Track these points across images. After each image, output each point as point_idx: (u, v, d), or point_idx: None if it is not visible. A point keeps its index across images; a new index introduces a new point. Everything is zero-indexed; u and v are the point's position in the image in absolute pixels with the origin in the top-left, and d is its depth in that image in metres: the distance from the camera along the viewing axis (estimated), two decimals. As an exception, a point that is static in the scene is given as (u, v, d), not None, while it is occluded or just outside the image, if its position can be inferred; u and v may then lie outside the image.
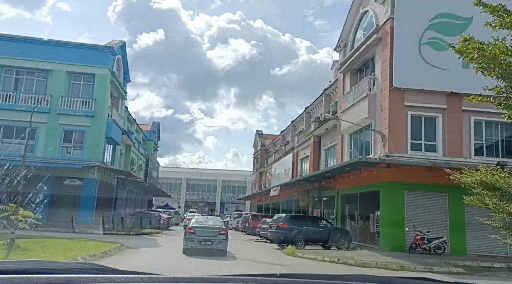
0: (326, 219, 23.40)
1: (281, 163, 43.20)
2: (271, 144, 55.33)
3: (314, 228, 20.68)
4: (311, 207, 31.95)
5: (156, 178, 59.07)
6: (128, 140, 39.65)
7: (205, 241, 15.43)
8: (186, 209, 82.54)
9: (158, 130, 60.88)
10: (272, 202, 46.41)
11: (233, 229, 40.10)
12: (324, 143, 31.12)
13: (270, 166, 49.13)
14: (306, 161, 35.27)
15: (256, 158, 62.09)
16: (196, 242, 15.51)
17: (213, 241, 15.50)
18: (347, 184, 23.85)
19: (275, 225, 20.78)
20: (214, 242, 15.51)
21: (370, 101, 21.51)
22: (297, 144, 37.53)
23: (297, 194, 34.84)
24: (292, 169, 38.13)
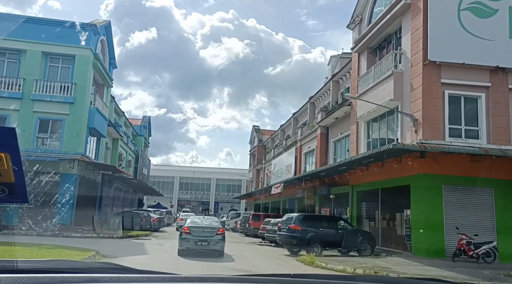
0: (345, 220, 19.85)
1: (281, 158, 39.67)
2: (269, 139, 51.81)
3: (332, 230, 17.18)
4: (319, 206, 28.46)
5: (147, 176, 55.27)
6: (115, 133, 35.91)
7: (201, 242, 14.88)
8: (179, 208, 78.86)
9: (149, 125, 57.08)
10: (271, 201, 42.86)
11: (230, 230, 36.52)
12: (333, 134, 27.65)
13: (269, 162, 45.60)
14: (311, 155, 31.79)
15: (252, 154, 58.52)
16: (192, 242, 14.92)
17: (210, 242, 14.94)
18: (366, 178, 20.38)
19: (285, 226, 17.25)
20: (210, 242, 14.95)
21: (396, 80, 18.04)
22: (300, 137, 34.04)
23: (301, 191, 31.32)
24: (294, 164, 34.63)
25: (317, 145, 29.43)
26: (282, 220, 18.38)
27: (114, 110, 38.73)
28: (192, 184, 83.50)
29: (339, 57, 42.05)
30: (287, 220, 17.78)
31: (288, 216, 18.38)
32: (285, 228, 17.18)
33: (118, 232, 25.05)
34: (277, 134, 48.07)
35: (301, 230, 16.51)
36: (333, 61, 47.31)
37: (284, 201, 37.91)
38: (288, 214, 19.12)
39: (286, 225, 17.27)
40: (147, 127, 55.71)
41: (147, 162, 55.28)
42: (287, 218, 18.05)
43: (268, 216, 28.26)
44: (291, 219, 17.51)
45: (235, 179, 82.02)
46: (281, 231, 17.59)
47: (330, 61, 50.85)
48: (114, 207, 37.33)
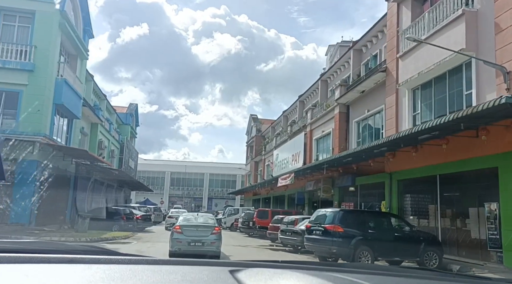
0: (401, 217, 14.35)
1: (286, 147, 34.28)
2: (269, 128, 46.38)
3: (386, 233, 11.86)
4: (338, 200, 23.13)
5: (134, 169, 49.55)
6: (93, 117, 30.23)
7: (195, 242, 13.33)
8: (170, 205, 73.22)
9: (136, 114, 51.31)
10: (274, 195, 37.45)
11: (227, 228, 31.08)
12: (357, 112, 22.32)
13: (270, 153, 40.19)
14: (325, 140, 26.45)
15: (250, 146, 53.06)
16: (184, 243, 13.31)
17: (204, 242, 13.40)
18: (414, 162, 15.04)
19: (319, 227, 11.85)
20: (205, 243, 13.40)
21: (469, 23, 12.72)
22: (310, 120, 28.68)
23: (314, 183, 26.01)
24: (304, 152, 29.27)
25: (335, 127, 24.09)
26: (312, 219, 12.96)
27: (93, 91, 33.02)
28: (184, 180, 77.97)
29: (339, 46, 37.57)
30: (318, 218, 12.38)
31: (320, 213, 12.97)
32: (318, 230, 11.80)
33: (91, 233, 19.55)
34: (278, 121, 42.66)
35: (344, 232, 11.13)
36: (332, 51, 43.51)
37: (290, 195, 32.55)
38: (320, 210, 13.60)
39: (319, 225, 11.86)
40: (134, 116, 49.96)
41: (134, 154, 49.56)
42: (318, 215, 12.65)
43: (277, 212, 22.89)
44: (325, 217, 12.09)
45: (230, 173, 76.67)
46: (312, 234, 12.19)
47: (328, 51, 46.77)
48: (94, 203, 31.64)
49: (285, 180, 25.86)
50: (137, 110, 51.26)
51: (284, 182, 26.03)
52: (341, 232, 11.15)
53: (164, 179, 77.28)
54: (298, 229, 15.89)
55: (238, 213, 31.08)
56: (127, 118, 46.70)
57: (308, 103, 33.82)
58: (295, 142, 31.48)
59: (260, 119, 50.18)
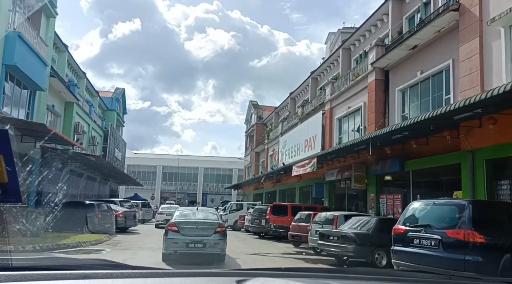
0: None
1: (296, 132, 28.86)
2: (272, 114, 40.93)
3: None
4: (376, 191, 17.71)
5: (121, 161, 43.83)
6: (67, 94, 24.52)
7: (195, 243, 10.56)
8: (162, 201, 67.57)
9: (123, 100, 45.49)
10: (281, 189, 32.02)
11: (229, 227, 25.58)
12: (401, 78, 16.94)
13: (275, 141, 34.73)
14: (352, 117, 21.04)
15: (249, 136, 47.55)
16: (181, 244, 10.52)
17: (206, 243, 10.60)
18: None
19: (428, 233, 6.40)
20: (207, 243, 10.60)
21: None
22: (330, 96, 23.24)
23: (337, 171, 20.65)
24: (321, 135, 23.86)
25: (369, 100, 18.68)
26: (409, 217, 7.39)
27: (68, 64, 27.25)
28: (177, 174, 72.34)
29: (340, 32, 33.70)
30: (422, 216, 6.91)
31: (421, 206, 7.38)
32: (427, 239, 6.37)
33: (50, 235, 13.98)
34: (284, 105, 37.15)
35: (486, 243, 5.73)
36: (332, 39, 38.23)
37: (303, 187, 27.14)
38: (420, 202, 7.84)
39: (428, 230, 6.40)
40: (121, 102, 44.15)
41: (121, 144, 43.80)
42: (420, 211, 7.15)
43: (299, 207, 17.44)
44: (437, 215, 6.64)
45: (225, 167, 71.28)
46: (411, 244, 6.75)
47: (327, 39, 42.30)
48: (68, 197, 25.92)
49: (303, 167, 20.41)
50: (124, 96, 45.45)
51: (302, 170, 20.59)
52: (481, 242, 5.78)
53: (156, 174, 71.58)
54: (350, 232, 10.46)
55: (243, 208, 25.63)
56: (112, 103, 40.92)
57: (323, 80, 28.40)
58: (309, 124, 26.03)
59: (261, 106, 44.66)
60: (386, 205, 16.62)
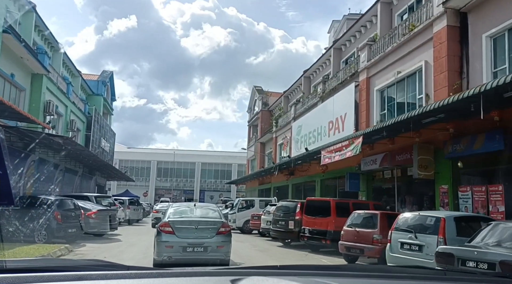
0: None
1: (316, 113, 23.47)
2: (280, 99, 35.50)
3: None
4: (451, 181, 12.29)
5: (109, 153, 38.20)
6: (33, 63, 18.96)
7: (194, 247, 8.84)
8: (156, 198, 62.08)
9: (111, 84, 39.78)
10: (294, 183, 26.64)
11: (237, 229, 20.16)
12: (489, 21, 11.60)
13: (287, 127, 29.35)
14: (403, 85, 15.64)
15: (253, 125, 42.08)
16: (177, 248, 8.75)
17: (208, 246, 8.89)
18: None
19: None
20: (209, 247, 8.89)
21: None
22: (366, 62, 17.84)
23: (383, 157, 15.31)
24: (354, 113, 18.50)
25: (435, 56, 13.27)
26: None
27: (36, 27, 21.62)
28: (172, 170, 66.87)
29: (346, 19, 31.33)
30: None
31: None
32: None
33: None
34: (296, 86, 31.69)
35: None
36: (336, 27, 35.31)
37: (325, 180, 21.76)
38: None
39: None
40: (109, 87, 38.49)
41: (109, 134, 38.14)
42: None
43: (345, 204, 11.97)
44: None
45: (224, 163, 65.83)
46: None
47: (331, 28, 38.53)
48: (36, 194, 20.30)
49: (339, 151, 14.97)
50: (112, 81, 39.75)
51: (338, 155, 15.14)
52: None
53: (150, 169, 66.02)
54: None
55: (254, 206, 20.18)
56: (98, 87, 35.28)
57: (348, 50, 22.98)
58: (336, 101, 20.62)
59: (266, 92, 39.18)
60: (472, 201, 11.27)
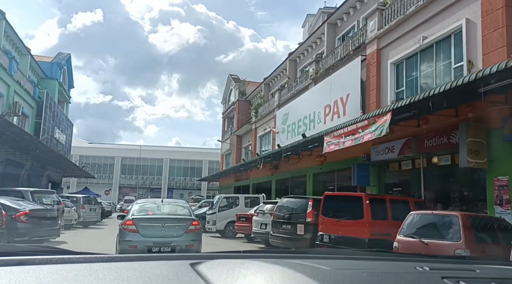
0: None
1: (307, 97, 20.17)
2: (260, 87, 32.02)
3: None
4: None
5: (66, 146, 33.45)
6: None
7: (160, 246, 8.04)
8: (120, 197, 57.34)
9: (68, 69, 34.95)
10: (279, 178, 23.18)
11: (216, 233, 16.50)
12: None
13: (269, 116, 25.91)
14: (430, 54, 12.47)
15: (228, 117, 38.38)
16: (141, 248, 7.96)
17: (176, 246, 8.18)
18: None
19: None
20: (177, 246, 8.17)
21: None
22: (377, 31, 14.62)
23: (404, 143, 12.15)
24: (361, 93, 15.27)
25: (484, 10, 10.17)
26: None
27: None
28: (138, 167, 62.10)
29: (321, 12, 29.41)
30: None
31: None
32: None
33: None
34: (279, 72, 28.28)
35: None
36: (311, 21, 33.65)
37: (320, 174, 18.47)
38: None
39: None
40: (66, 70, 33.70)
41: (65, 124, 33.38)
42: None
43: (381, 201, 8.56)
44: None
45: (194, 159, 61.69)
46: None
47: (305, 22, 35.99)
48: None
49: (354, 134, 11.64)
50: (70, 65, 34.91)
51: (350, 140, 11.80)
52: None
53: (114, 166, 60.97)
54: None
55: (238, 204, 16.58)
56: (53, 70, 30.55)
57: (344, 27, 19.76)
58: (334, 81, 17.34)
59: (244, 80, 35.57)
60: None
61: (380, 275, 1.05)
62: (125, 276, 0.93)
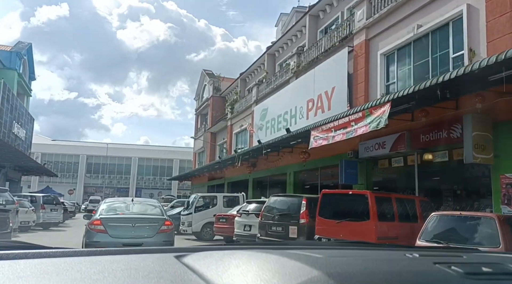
0: None
1: (288, 92, 19.21)
2: (236, 82, 30.85)
3: None
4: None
5: (25, 141, 31.12)
6: None
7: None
8: (85, 197, 54.76)
9: (29, 60, 32.56)
10: (257, 176, 22.09)
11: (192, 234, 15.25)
12: None
13: (247, 112, 24.82)
14: (426, 44, 11.71)
15: (201, 114, 36.97)
16: None
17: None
18: None
19: None
20: None
21: None
22: (365, 20, 13.79)
23: (397, 138, 11.35)
24: (348, 86, 14.41)
25: (487, -5, 9.47)
26: None
27: None
28: (104, 165, 59.69)
29: (295, 11, 29.24)
30: None
31: None
32: None
33: None
34: (257, 67, 27.18)
35: None
36: (284, 20, 33.29)
37: (302, 172, 17.52)
38: None
39: None
40: (26, 61, 31.36)
41: (25, 118, 31.03)
42: None
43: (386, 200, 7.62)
44: None
45: (164, 158, 59.82)
46: None
47: (279, 21, 35.43)
48: None
49: (345, 127, 10.70)
50: (31, 55, 32.53)
51: (340, 134, 10.85)
52: None
53: (79, 165, 58.19)
54: None
55: (216, 204, 15.34)
56: (11, 60, 28.26)
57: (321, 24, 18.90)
58: (318, 74, 16.43)
59: (219, 76, 34.29)
60: None
61: (374, 261, 1.04)
62: (110, 269, 0.88)
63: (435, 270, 0.92)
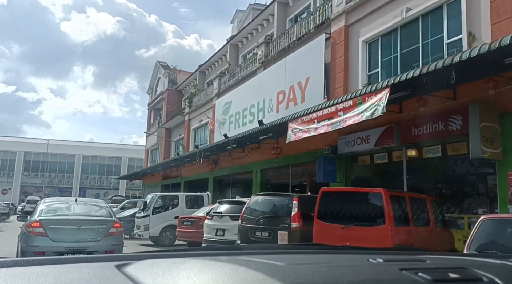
0: None
1: (255, 84, 17.79)
2: (194, 75, 28.98)
3: None
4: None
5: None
6: None
7: (73, 253, 7.04)
8: (22, 197, 50.12)
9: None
10: (218, 175, 20.43)
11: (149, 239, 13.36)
12: None
13: (207, 106, 23.09)
14: (416, 27, 10.75)
15: (154, 108, 34.63)
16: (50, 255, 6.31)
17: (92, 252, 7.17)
18: None
19: None
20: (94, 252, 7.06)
21: None
22: (345, 4, 12.71)
23: (384, 131, 10.32)
24: (324, 76, 13.25)
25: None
26: None
27: None
28: (44, 163, 55.21)
29: (251, 8, 28.71)
30: None
31: None
32: None
33: None
34: (218, 58, 25.49)
35: None
36: (240, 17, 33.13)
37: (270, 170, 16.15)
38: None
39: None
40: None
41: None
42: None
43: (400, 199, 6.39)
44: None
45: (112, 156, 56.34)
46: None
47: (234, 18, 34.90)
48: None
49: (331, 118, 9.47)
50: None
51: (325, 126, 9.61)
52: None
53: (15, 162, 53.32)
54: None
55: (178, 205, 13.55)
56: None
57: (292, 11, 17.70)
58: (290, 63, 15.14)
59: (175, 68, 32.20)
60: None
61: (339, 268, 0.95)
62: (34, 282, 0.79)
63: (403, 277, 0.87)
